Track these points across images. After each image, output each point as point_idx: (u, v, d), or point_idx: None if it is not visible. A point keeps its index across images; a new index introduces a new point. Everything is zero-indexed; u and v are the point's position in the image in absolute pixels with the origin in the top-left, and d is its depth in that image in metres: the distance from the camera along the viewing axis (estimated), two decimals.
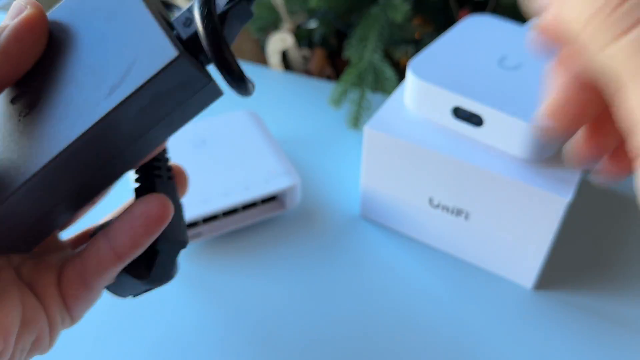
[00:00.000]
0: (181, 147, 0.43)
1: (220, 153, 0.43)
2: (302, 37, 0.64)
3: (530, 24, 0.46)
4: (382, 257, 0.41)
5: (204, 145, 0.43)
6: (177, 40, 0.20)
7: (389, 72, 0.49)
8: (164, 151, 0.26)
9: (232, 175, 0.41)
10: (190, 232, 0.39)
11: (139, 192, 0.24)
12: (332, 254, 0.41)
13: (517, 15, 0.57)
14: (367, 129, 0.38)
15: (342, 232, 0.42)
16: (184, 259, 0.40)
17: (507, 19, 0.42)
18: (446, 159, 0.36)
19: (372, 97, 0.50)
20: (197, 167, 0.41)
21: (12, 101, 0.21)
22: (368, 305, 0.37)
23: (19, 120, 0.20)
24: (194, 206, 0.38)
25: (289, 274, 0.39)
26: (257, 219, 0.41)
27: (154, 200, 0.22)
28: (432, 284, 0.39)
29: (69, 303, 0.23)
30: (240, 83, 0.20)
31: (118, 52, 0.19)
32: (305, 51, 0.63)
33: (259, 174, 0.41)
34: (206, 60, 0.21)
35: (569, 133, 0.20)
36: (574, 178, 0.34)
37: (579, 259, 0.40)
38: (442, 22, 0.60)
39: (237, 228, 0.41)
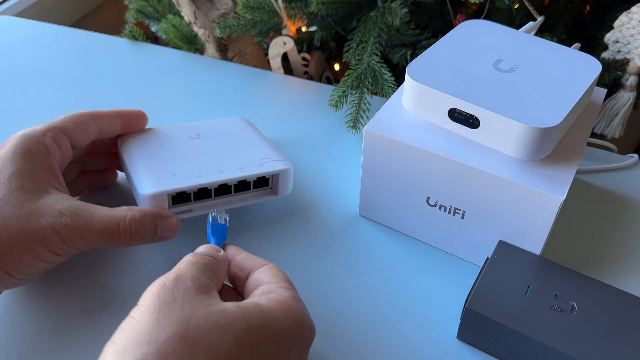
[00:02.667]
0: (176, 138, 0.43)
1: (215, 144, 0.43)
2: (303, 40, 0.65)
3: (525, 28, 0.47)
4: (380, 255, 0.41)
5: (198, 138, 0.43)
6: None
7: (387, 75, 0.50)
8: None
9: (227, 158, 0.41)
10: (182, 208, 0.39)
11: None
12: (331, 252, 0.42)
13: (512, 20, 0.58)
14: (367, 130, 0.39)
15: (341, 231, 0.43)
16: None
17: (503, 24, 0.43)
18: (443, 160, 0.37)
19: (370, 99, 0.51)
20: (193, 151, 0.42)
21: None
22: (366, 301, 0.38)
23: None
24: (187, 178, 0.38)
25: (289, 271, 0.40)
26: (248, 202, 0.41)
27: None
28: (429, 282, 0.40)
29: None
30: None
31: None
32: (306, 54, 0.64)
33: (253, 158, 0.41)
34: None
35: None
36: (568, 177, 0.35)
37: (573, 256, 0.41)
38: (439, 26, 0.61)
39: (228, 208, 0.41)
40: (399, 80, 0.49)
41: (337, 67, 0.71)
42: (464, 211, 0.38)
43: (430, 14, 0.61)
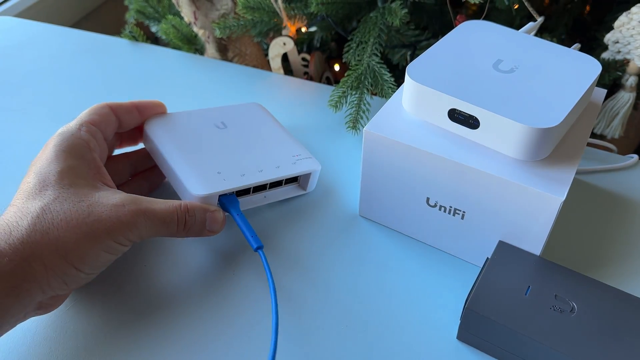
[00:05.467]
0: (204, 127, 0.45)
1: (244, 134, 0.45)
2: (302, 41, 0.65)
3: (525, 29, 0.47)
4: (380, 256, 0.41)
5: (225, 128, 0.45)
6: None
7: (387, 76, 0.50)
8: None
9: (263, 156, 0.44)
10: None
11: None
12: (331, 252, 0.42)
13: (512, 21, 0.58)
14: (367, 130, 0.38)
15: (341, 231, 0.43)
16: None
17: (502, 25, 0.43)
18: (443, 160, 0.37)
19: (370, 100, 0.51)
20: (227, 144, 0.44)
21: None
22: (365, 302, 0.38)
23: None
24: (233, 179, 0.40)
25: (288, 272, 0.40)
26: (279, 197, 0.44)
27: None
28: (429, 282, 0.40)
29: None
30: None
31: None
32: (305, 55, 0.64)
33: (285, 156, 0.44)
34: None
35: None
36: (568, 178, 0.35)
37: (573, 256, 0.41)
38: (439, 27, 0.61)
39: (262, 204, 0.44)
40: (399, 80, 0.49)
41: (337, 67, 0.71)
42: (463, 211, 0.38)
43: (430, 14, 0.61)
